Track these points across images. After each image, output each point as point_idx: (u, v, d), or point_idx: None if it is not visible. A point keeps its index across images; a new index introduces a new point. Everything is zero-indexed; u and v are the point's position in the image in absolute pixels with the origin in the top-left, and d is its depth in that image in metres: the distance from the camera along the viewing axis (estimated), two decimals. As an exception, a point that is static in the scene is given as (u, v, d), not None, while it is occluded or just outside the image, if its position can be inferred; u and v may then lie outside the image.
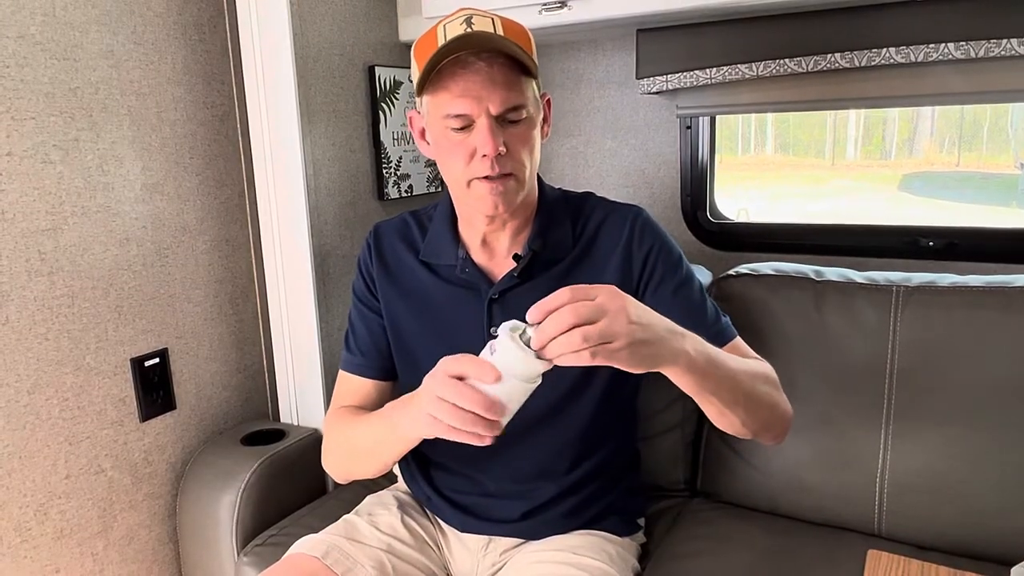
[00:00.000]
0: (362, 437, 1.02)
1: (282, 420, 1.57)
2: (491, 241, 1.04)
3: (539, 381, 0.76)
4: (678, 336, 0.79)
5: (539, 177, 1.06)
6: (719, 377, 0.85)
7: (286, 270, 1.47)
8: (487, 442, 0.76)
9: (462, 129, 0.91)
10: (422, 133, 1.01)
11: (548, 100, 1.03)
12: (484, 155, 0.90)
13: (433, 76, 0.91)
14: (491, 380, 0.73)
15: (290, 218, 1.44)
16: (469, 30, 0.89)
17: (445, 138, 0.94)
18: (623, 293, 0.75)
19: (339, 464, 1.10)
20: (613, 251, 1.03)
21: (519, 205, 0.99)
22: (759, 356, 1.03)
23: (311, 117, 1.41)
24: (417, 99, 0.97)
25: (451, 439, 0.77)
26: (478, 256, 1.04)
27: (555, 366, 0.74)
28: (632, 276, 1.02)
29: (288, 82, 1.38)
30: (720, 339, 1.00)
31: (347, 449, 1.07)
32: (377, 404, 1.10)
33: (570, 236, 1.04)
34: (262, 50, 1.40)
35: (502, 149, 0.90)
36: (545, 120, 1.02)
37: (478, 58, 0.89)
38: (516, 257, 1.02)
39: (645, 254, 1.03)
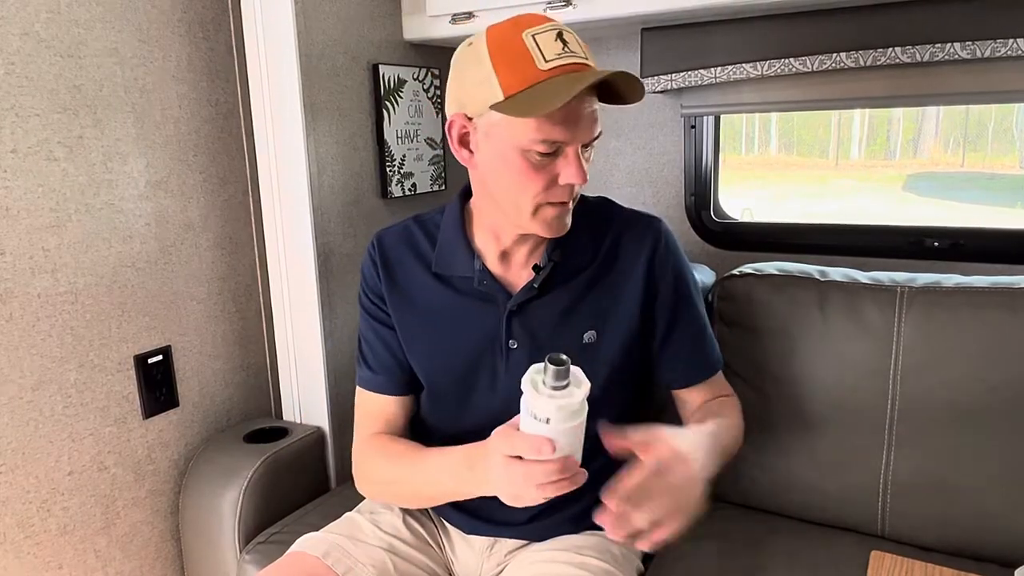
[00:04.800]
0: (419, 484, 1.02)
1: (285, 418, 1.57)
2: (509, 252, 1.01)
3: (586, 408, 0.76)
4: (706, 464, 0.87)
5: None
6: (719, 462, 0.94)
7: (289, 268, 1.47)
8: (579, 483, 0.80)
9: (547, 154, 0.88)
10: (462, 140, 0.94)
11: None
12: (569, 183, 0.89)
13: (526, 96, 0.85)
14: (549, 452, 0.74)
15: (293, 216, 1.44)
16: (565, 50, 0.85)
17: (523, 160, 0.88)
18: (684, 462, 0.82)
19: (384, 497, 1.11)
20: (635, 264, 1.02)
21: None
22: (732, 392, 1.13)
23: (315, 115, 1.41)
24: (476, 108, 0.90)
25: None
26: (494, 267, 1.01)
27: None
28: (651, 293, 1.03)
29: (292, 80, 1.38)
30: (711, 369, 1.09)
31: (398, 490, 1.07)
32: (403, 421, 1.10)
33: (590, 246, 1.02)
34: (266, 47, 1.40)
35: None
36: None
37: (588, 89, 0.86)
38: (536, 268, 1.00)
39: (667, 277, 1.03)
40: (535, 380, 0.73)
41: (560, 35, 0.87)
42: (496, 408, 1.01)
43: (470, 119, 0.92)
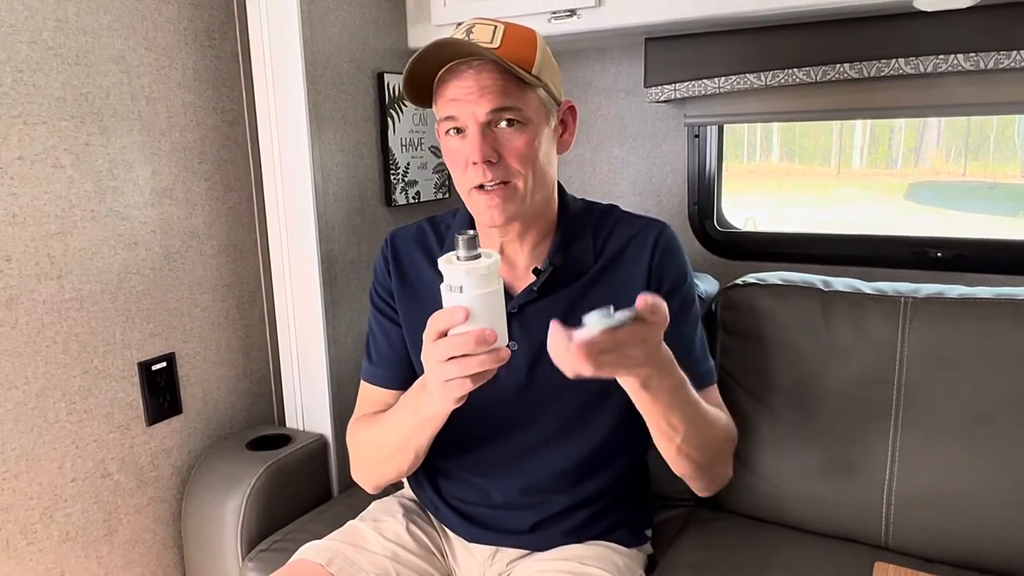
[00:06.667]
0: (389, 434, 1.01)
1: (288, 425, 1.57)
2: (510, 253, 1.03)
3: (498, 280, 0.78)
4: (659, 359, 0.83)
5: (562, 188, 1.06)
6: (672, 405, 0.87)
7: (293, 275, 1.48)
8: (504, 359, 0.77)
9: (458, 134, 0.93)
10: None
11: (572, 107, 1.02)
12: (474, 162, 0.91)
13: (436, 85, 0.93)
14: (462, 319, 0.76)
15: (298, 223, 1.44)
16: (466, 39, 0.90)
17: (446, 146, 0.96)
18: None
19: (371, 470, 1.08)
20: (637, 267, 1.02)
21: (531, 217, 0.99)
22: (727, 411, 1.06)
23: (320, 123, 1.42)
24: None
25: (478, 386, 0.78)
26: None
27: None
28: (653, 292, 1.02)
29: (297, 88, 1.38)
30: (698, 381, 1.02)
31: (377, 452, 1.05)
32: None
33: (591, 250, 1.03)
34: (272, 56, 1.40)
35: (492, 157, 0.90)
36: (566, 128, 1.01)
37: (469, 65, 0.90)
38: (536, 271, 1.01)
39: (665, 275, 1.03)
40: (450, 257, 0.78)
41: (470, 29, 0.91)
42: (494, 407, 1.01)
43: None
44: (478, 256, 0.76)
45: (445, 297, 0.78)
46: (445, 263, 0.77)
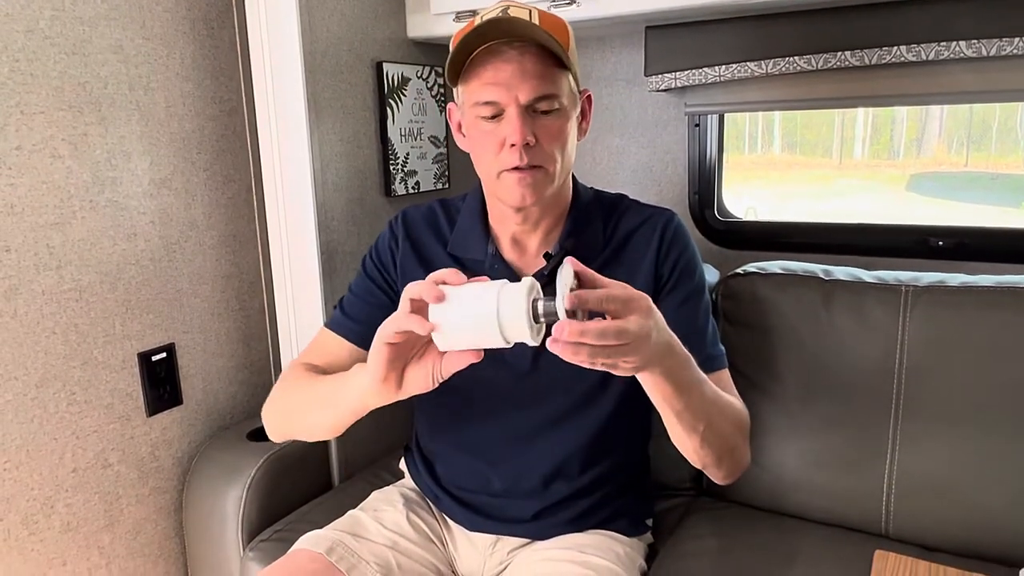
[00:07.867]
0: (313, 390, 0.98)
1: (288, 416, 1.57)
2: (522, 239, 1.03)
3: (511, 346, 0.73)
4: (672, 351, 0.79)
5: (574, 176, 1.06)
6: (690, 399, 0.83)
7: (293, 266, 1.47)
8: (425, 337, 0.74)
9: (493, 118, 0.91)
10: (459, 126, 1.00)
11: (589, 96, 1.02)
12: (512, 144, 0.90)
13: (467, 65, 0.91)
14: (432, 299, 0.71)
15: (297, 214, 1.44)
16: (498, 14, 0.89)
17: (476, 127, 0.94)
18: (653, 311, 0.74)
19: (279, 413, 1.04)
20: (644, 256, 1.02)
21: (550, 203, 0.99)
22: (739, 396, 1.03)
23: (319, 113, 1.41)
24: (454, 90, 0.98)
25: (396, 342, 0.77)
26: (508, 253, 1.03)
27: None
28: (660, 281, 1.02)
29: (296, 77, 1.37)
30: (708, 365, 1.00)
31: (293, 399, 1.02)
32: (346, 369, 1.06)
33: (601, 236, 1.03)
34: (270, 45, 1.39)
35: (531, 139, 0.90)
36: (584, 117, 1.01)
37: (510, 47, 0.89)
38: (547, 256, 1.01)
39: (672, 262, 1.03)
40: (532, 286, 0.72)
41: (505, 10, 0.91)
42: (498, 392, 1.01)
43: (457, 105, 0.99)
44: (538, 322, 0.70)
45: (482, 283, 0.73)
46: (528, 288, 0.70)
